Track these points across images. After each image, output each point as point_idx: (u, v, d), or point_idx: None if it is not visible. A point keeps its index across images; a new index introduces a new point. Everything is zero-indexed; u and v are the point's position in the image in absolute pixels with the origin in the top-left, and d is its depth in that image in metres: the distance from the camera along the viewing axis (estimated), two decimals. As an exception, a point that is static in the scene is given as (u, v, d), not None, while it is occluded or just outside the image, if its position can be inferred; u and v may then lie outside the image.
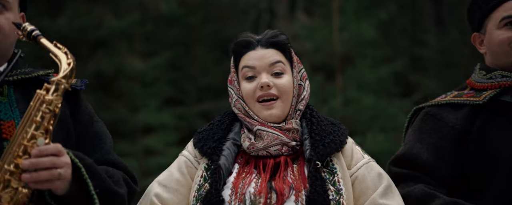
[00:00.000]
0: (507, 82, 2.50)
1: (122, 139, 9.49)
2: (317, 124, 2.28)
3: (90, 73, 10.37)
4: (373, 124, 8.22)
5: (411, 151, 2.51)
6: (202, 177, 2.22)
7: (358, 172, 2.26)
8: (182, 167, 2.28)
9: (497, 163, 2.42)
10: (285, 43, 2.30)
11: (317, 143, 2.22)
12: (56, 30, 10.15)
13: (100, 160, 2.17)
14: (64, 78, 1.94)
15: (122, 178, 2.16)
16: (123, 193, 2.12)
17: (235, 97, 2.31)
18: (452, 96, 2.59)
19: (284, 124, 2.25)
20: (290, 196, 2.15)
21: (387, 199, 2.24)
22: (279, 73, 2.27)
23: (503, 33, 2.53)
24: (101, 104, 10.19)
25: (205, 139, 2.27)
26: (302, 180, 2.18)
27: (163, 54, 10.24)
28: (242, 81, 2.30)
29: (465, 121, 2.48)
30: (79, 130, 2.19)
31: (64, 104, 2.13)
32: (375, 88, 8.98)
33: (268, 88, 2.24)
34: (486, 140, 2.46)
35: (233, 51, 2.34)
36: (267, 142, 2.21)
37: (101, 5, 10.87)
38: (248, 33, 2.34)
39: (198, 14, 10.67)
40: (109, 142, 2.24)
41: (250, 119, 2.27)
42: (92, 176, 2.01)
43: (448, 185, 2.47)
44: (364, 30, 9.14)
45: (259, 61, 2.27)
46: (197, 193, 2.19)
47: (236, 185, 2.17)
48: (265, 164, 2.21)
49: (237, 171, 2.21)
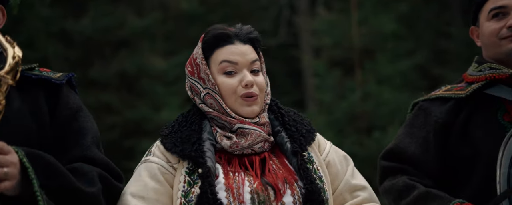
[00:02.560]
0: (494, 74, 2.50)
1: (145, 138, 9.56)
2: (287, 116, 2.28)
3: (114, 73, 10.48)
4: (394, 118, 8.15)
5: (399, 145, 2.57)
6: (185, 182, 2.14)
7: (328, 157, 2.29)
8: (157, 174, 2.17)
9: (477, 155, 2.44)
10: (259, 40, 2.29)
11: (295, 135, 2.23)
12: (80, 31, 10.27)
13: (77, 156, 2.09)
14: (8, 73, 1.83)
15: (97, 176, 2.06)
16: (92, 191, 2.01)
17: (205, 92, 2.24)
18: (443, 90, 2.66)
19: (258, 119, 2.24)
20: (286, 190, 2.15)
21: (357, 179, 2.30)
22: (256, 70, 2.26)
23: (491, 24, 2.56)
24: (125, 103, 10.30)
25: (181, 142, 2.18)
26: (289, 172, 2.19)
27: (185, 53, 10.30)
28: (219, 75, 2.23)
29: (449, 114, 2.53)
30: (57, 126, 2.11)
31: (42, 99, 2.10)
32: (396, 82, 8.90)
33: (251, 87, 2.22)
34: (468, 133, 2.50)
35: (207, 42, 2.25)
36: (252, 140, 2.19)
37: (124, 6, 10.97)
38: (221, 25, 2.29)
39: (218, 12, 10.69)
40: (90, 137, 2.14)
41: (226, 117, 2.21)
42: (51, 176, 1.94)
43: (435, 177, 2.53)
44: (384, 23, 9.06)
45: (241, 57, 2.22)
46: (185, 200, 2.12)
47: (231, 186, 2.13)
48: (251, 162, 2.19)
49: (223, 171, 2.16)
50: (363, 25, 9.10)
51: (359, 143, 8.31)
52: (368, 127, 8.51)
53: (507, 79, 2.50)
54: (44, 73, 2.18)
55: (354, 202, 2.26)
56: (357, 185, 2.28)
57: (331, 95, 8.74)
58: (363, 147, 8.11)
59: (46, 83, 2.15)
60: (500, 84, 2.52)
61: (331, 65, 9.27)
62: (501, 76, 2.49)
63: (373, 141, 8.08)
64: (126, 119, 10.21)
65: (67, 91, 2.18)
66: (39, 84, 2.14)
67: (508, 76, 2.49)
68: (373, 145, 7.97)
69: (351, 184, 2.27)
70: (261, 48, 2.31)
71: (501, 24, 2.52)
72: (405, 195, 2.44)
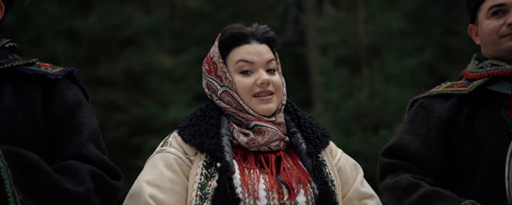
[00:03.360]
0: (496, 71, 2.50)
1: (152, 135, 9.57)
2: (303, 118, 2.31)
3: (121, 70, 10.50)
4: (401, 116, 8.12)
5: (401, 142, 2.57)
6: (202, 175, 2.17)
7: (340, 163, 2.33)
8: (173, 164, 2.19)
9: (481, 152, 2.44)
10: (275, 40, 2.33)
11: (311, 137, 2.26)
12: (87, 29, 10.30)
13: (72, 154, 2.03)
14: None
15: (89, 174, 1.99)
16: (80, 191, 1.95)
17: (223, 89, 2.26)
18: (444, 87, 2.65)
19: (274, 118, 2.26)
20: (299, 190, 2.17)
21: (365, 188, 2.34)
22: (273, 70, 2.28)
23: (491, 22, 2.56)
24: (132, 101, 10.32)
25: (199, 135, 2.21)
26: (303, 173, 2.21)
27: (192, 51, 10.31)
28: (235, 74, 2.26)
29: (452, 111, 2.53)
30: (52, 122, 2.06)
31: (37, 95, 2.06)
32: (403, 79, 8.88)
33: (267, 85, 2.25)
34: (471, 130, 2.50)
35: (224, 41, 2.28)
36: (269, 138, 2.21)
37: (131, 3, 10.99)
38: (239, 25, 2.32)
39: (225, 10, 10.69)
40: (86, 134, 2.07)
41: (244, 114, 2.24)
42: (31, 174, 1.88)
43: (437, 174, 2.54)
44: (391, 21, 9.03)
45: (258, 56, 2.25)
46: (201, 192, 2.14)
47: (246, 182, 2.15)
48: (267, 159, 2.21)
49: (239, 168, 2.19)
50: (370, 22, 9.08)
51: (366, 141, 8.30)
52: (374, 125, 8.50)
53: (509, 76, 2.50)
54: (43, 68, 2.13)
55: None
56: (366, 193, 2.32)
57: (338, 93, 8.74)
58: (370, 145, 8.10)
59: (42, 79, 2.10)
60: (502, 80, 2.52)
61: (338, 63, 9.26)
62: (504, 72, 2.49)
63: (379, 139, 8.06)
64: (133, 117, 10.23)
65: (64, 86, 2.12)
66: (35, 80, 2.10)
67: (511, 73, 2.49)
68: (379, 143, 7.94)
69: (360, 191, 2.31)
70: (277, 48, 2.33)
71: (500, 22, 2.53)
72: (410, 193, 2.44)
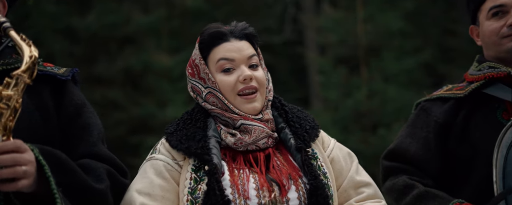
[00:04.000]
0: (492, 73, 2.51)
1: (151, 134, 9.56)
2: (291, 112, 2.29)
3: (119, 69, 10.49)
4: (399, 116, 8.13)
5: (401, 145, 2.60)
6: (192, 179, 2.16)
7: (332, 153, 2.30)
8: (163, 171, 2.19)
9: (477, 154, 2.45)
10: (255, 36, 2.31)
11: (299, 131, 2.24)
12: (85, 28, 10.29)
13: (85, 153, 2.10)
14: (25, 71, 1.86)
15: (105, 172, 2.07)
16: (102, 188, 2.03)
17: (207, 91, 2.25)
18: (444, 90, 2.68)
19: (261, 115, 2.25)
20: (290, 186, 2.16)
21: (361, 176, 2.31)
22: (255, 65, 2.27)
23: (491, 23, 2.56)
24: (130, 100, 10.31)
25: (186, 140, 2.20)
26: (293, 168, 2.20)
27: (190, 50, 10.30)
28: (218, 73, 2.25)
29: (448, 114, 2.55)
30: (63, 122, 2.11)
31: (48, 96, 2.10)
32: (402, 79, 8.89)
33: (250, 81, 2.23)
34: (467, 132, 2.52)
35: (203, 42, 2.27)
36: (256, 136, 2.20)
37: (129, 2, 10.98)
38: (217, 24, 2.30)
39: (224, 9, 10.69)
40: (96, 133, 2.14)
41: (230, 114, 2.23)
42: (63, 172, 1.94)
43: (436, 176, 2.56)
44: (390, 20, 9.03)
45: (238, 53, 2.24)
46: (191, 197, 2.14)
47: (236, 183, 2.14)
48: (256, 158, 2.20)
49: (228, 168, 2.18)
50: (369, 22, 9.07)
51: (364, 140, 8.30)
52: (373, 124, 8.51)
53: (506, 78, 2.50)
54: (49, 68, 2.18)
55: (359, 199, 2.27)
56: (362, 182, 2.29)
57: (336, 92, 8.74)
58: (368, 145, 8.10)
59: (51, 79, 2.15)
60: (499, 83, 2.52)
61: (337, 62, 9.26)
62: (500, 74, 2.49)
63: (378, 139, 8.07)
64: (132, 116, 10.23)
65: (71, 87, 2.18)
66: (44, 80, 2.14)
67: (507, 75, 2.49)
68: (378, 143, 7.95)
69: (355, 180, 2.28)
70: (258, 43, 2.32)
71: (501, 23, 2.52)
72: (405, 194, 2.47)
